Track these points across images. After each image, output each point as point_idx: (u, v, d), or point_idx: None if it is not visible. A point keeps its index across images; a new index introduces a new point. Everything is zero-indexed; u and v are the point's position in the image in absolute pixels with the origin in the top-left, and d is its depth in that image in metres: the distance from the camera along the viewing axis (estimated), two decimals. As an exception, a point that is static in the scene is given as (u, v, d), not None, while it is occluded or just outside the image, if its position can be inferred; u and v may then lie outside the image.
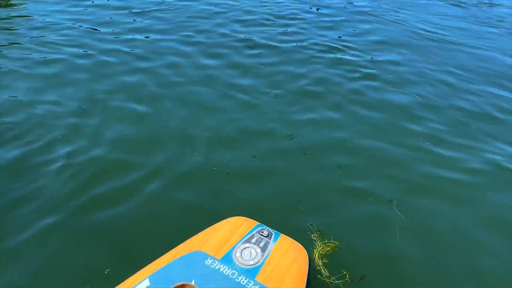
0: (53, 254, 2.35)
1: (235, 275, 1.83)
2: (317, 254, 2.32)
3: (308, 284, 1.91)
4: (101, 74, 4.28)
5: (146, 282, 1.77)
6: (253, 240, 2.02)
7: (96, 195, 2.73)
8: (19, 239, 2.40)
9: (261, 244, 2.00)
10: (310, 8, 6.50)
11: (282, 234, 2.09)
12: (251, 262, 1.90)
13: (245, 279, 1.82)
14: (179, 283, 1.49)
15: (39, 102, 3.74)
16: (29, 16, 5.50)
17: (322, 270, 2.26)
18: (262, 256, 1.94)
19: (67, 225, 2.52)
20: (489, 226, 2.73)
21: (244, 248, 1.97)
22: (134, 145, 3.27)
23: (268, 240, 2.03)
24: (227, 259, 1.91)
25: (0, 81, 4.04)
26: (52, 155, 3.07)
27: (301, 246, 2.06)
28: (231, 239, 2.01)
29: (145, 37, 5.14)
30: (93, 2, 6.13)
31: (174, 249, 1.96)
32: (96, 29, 5.29)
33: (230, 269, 1.85)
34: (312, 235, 2.48)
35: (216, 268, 1.86)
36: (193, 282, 1.77)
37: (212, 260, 1.89)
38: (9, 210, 2.58)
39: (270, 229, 2.11)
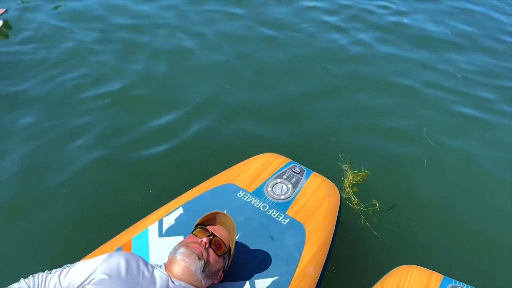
0: (99, 186, 2.45)
1: (266, 208, 1.85)
2: (347, 183, 2.34)
3: (339, 220, 1.91)
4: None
5: (180, 211, 1.82)
6: (285, 176, 2.02)
7: (136, 134, 2.78)
8: (67, 172, 2.51)
9: (293, 180, 2.00)
10: None
11: (314, 172, 2.08)
12: (282, 197, 1.92)
13: (276, 212, 1.84)
14: (212, 212, 1.52)
15: (69, 35, 3.75)
16: None
17: (352, 198, 2.28)
18: (293, 191, 1.95)
19: (111, 160, 2.60)
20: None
21: (276, 183, 1.98)
22: (167, 82, 3.27)
23: (300, 177, 2.02)
24: (258, 192, 1.93)
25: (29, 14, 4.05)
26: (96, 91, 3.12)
27: (333, 184, 2.05)
28: (262, 174, 2.02)
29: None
30: None
31: (206, 181, 1.99)
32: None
33: (261, 202, 1.88)
34: (343, 166, 2.48)
35: (248, 200, 1.88)
36: (225, 212, 1.80)
37: (244, 193, 1.92)
38: (58, 144, 2.68)
39: (302, 166, 2.09)
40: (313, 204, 1.90)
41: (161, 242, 1.67)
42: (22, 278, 1.32)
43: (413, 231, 2.25)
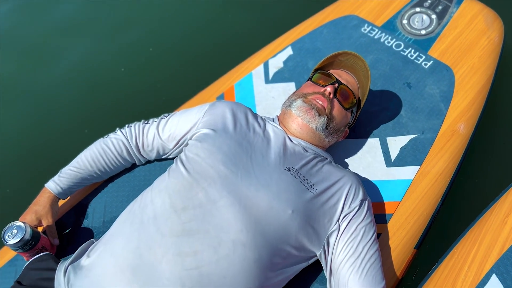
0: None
1: (401, 47, 1.42)
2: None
3: (500, 62, 1.43)
4: None
5: (288, 51, 1.47)
6: (427, 4, 1.50)
7: None
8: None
9: (438, 9, 1.48)
10: None
11: (468, -4, 1.52)
12: (423, 32, 1.44)
13: (415, 52, 1.40)
14: (336, 52, 1.15)
15: None
16: None
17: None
18: (439, 24, 1.45)
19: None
20: None
21: (414, 14, 1.48)
22: None
23: (449, 4, 1.49)
24: (390, 26, 1.47)
25: None
26: None
27: (495, 13, 1.49)
28: (396, 2, 1.53)
29: None
30: None
31: (321, 11, 1.56)
32: None
33: (394, 40, 1.44)
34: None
35: (376, 37, 1.45)
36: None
37: (370, 27, 1.48)
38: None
39: (451, -11, 1.54)
40: (467, 41, 1.41)
41: (268, 89, 1.39)
42: (118, 128, 1.16)
43: None
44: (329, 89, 1.06)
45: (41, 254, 0.97)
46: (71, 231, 1.15)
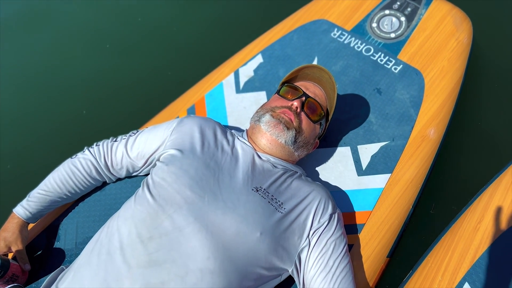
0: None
1: (371, 52, 1.41)
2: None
3: (469, 64, 1.43)
4: None
5: (259, 59, 1.45)
6: (396, 6, 1.50)
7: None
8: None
9: (407, 11, 1.48)
10: None
11: (437, -3, 1.52)
12: (393, 35, 1.44)
13: (384, 56, 1.40)
14: (300, 66, 1.14)
15: None
16: None
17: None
18: (408, 27, 1.45)
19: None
20: None
21: (383, 16, 1.48)
22: None
23: (417, 6, 1.49)
24: (359, 30, 1.46)
25: None
26: None
27: (464, 13, 1.49)
28: (365, 5, 1.51)
29: None
30: None
31: (290, 17, 1.54)
32: None
33: (363, 44, 1.43)
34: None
35: (346, 42, 1.44)
36: (315, 61, 1.41)
37: (340, 31, 1.47)
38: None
39: (420, -11, 1.53)
40: (436, 44, 1.41)
41: (239, 99, 1.37)
42: (86, 147, 1.14)
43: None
44: (296, 103, 1.05)
45: (8, 286, 0.95)
46: (43, 254, 1.13)
